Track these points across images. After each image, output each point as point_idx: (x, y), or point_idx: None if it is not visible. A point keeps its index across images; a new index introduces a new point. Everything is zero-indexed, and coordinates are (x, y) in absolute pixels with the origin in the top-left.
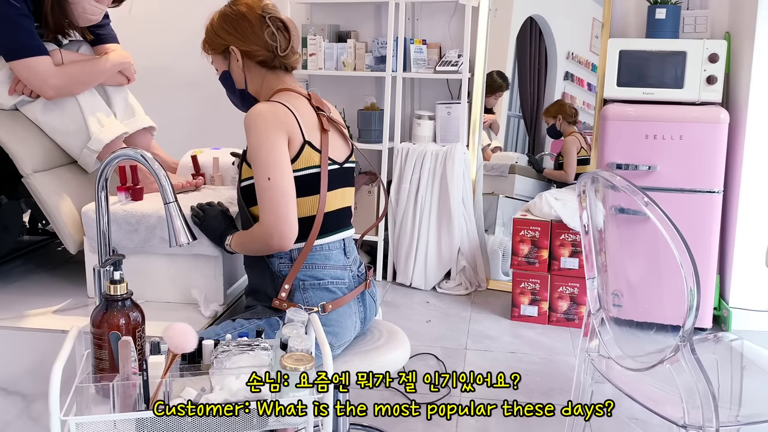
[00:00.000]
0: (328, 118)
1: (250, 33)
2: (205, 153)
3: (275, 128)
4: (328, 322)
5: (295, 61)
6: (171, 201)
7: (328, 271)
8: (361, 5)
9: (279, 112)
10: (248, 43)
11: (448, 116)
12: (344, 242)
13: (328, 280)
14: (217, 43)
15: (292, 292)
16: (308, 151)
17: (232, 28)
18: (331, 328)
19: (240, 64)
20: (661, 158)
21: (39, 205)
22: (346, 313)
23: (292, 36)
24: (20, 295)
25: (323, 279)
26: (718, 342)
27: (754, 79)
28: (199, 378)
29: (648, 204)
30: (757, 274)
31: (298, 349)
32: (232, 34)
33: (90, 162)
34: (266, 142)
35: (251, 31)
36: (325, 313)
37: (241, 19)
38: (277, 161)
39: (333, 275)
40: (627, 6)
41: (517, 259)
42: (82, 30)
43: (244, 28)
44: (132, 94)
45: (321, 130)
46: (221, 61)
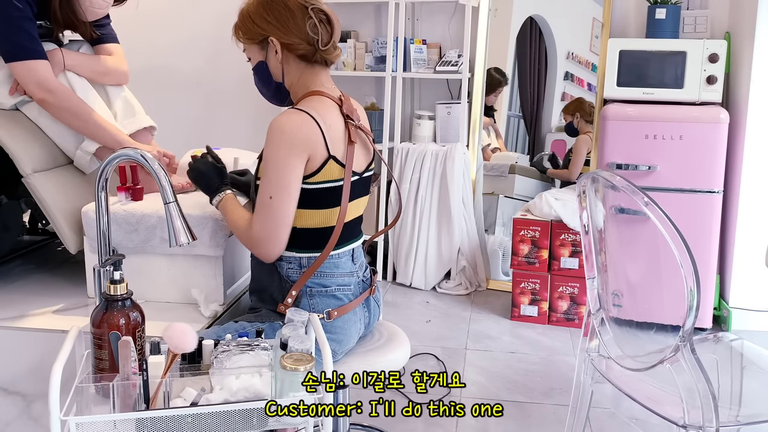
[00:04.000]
0: (356, 127)
1: (292, 24)
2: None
3: (295, 147)
4: (333, 329)
5: (336, 57)
6: (171, 201)
7: (336, 279)
8: (361, 5)
9: (305, 129)
10: (290, 35)
11: (448, 116)
12: (353, 249)
13: (335, 287)
14: (254, 32)
15: (298, 298)
16: (331, 165)
17: (273, 18)
18: (336, 336)
19: (279, 57)
20: (661, 158)
21: (39, 205)
22: (351, 320)
23: (335, 30)
24: (20, 295)
25: (330, 286)
26: (718, 342)
27: (754, 79)
28: (199, 378)
29: (648, 204)
30: (757, 274)
31: (298, 350)
32: (273, 24)
33: (85, 163)
34: (280, 161)
35: (293, 22)
36: (331, 319)
37: (282, 8)
38: (285, 184)
39: (340, 282)
40: (627, 6)
41: (517, 259)
42: (88, 27)
43: (286, 19)
44: (132, 94)
45: (348, 141)
46: (257, 51)
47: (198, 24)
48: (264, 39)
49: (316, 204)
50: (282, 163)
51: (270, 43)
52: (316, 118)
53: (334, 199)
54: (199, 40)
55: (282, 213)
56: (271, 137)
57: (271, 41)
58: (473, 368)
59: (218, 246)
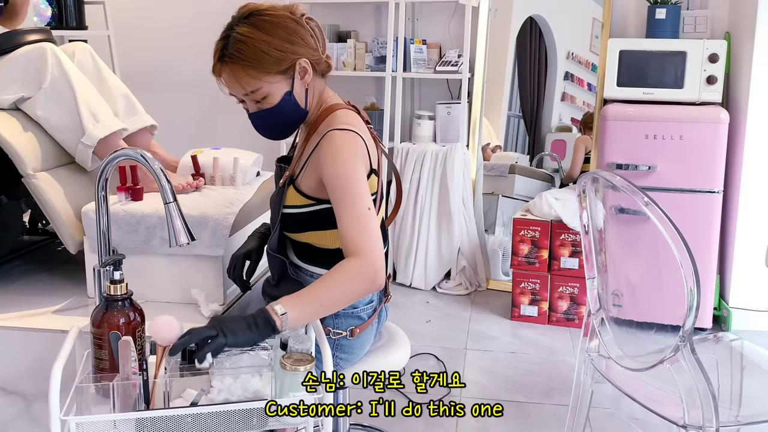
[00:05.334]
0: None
1: (308, 39)
2: (205, 153)
3: (362, 160)
4: (352, 350)
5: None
6: (171, 201)
7: (365, 298)
8: (361, 5)
9: (359, 144)
10: (314, 51)
11: (448, 116)
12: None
13: (362, 308)
14: (284, 60)
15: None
16: (373, 179)
17: (295, 37)
18: (352, 356)
19: (306, 79)
20: (661, 158)
21: (39, 205)
22: (367, 339)
23: (324, 36)
24: (20, 295)
25: (358, 306)
26: (718, 342)
27: (754, 79)
28: (199, 378)
29: (648, 204)
30: (757, 274)
31: (297, 350)
32: (297, 43)
33: (86, 158)
34: (360, 174)
35: (307, 36)
36: (353, 337)
37: (294, 24)
38: (368, 194)
39: (366, 301)
40: (627, 6)
41: (517, 259)
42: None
43: (302, 35)
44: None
45: (379, 151)
46: (280, 83)
47: (198, 24)
48: (291, 65)
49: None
50: (363, 175)
51: (298, 67)
52: (361, 135)
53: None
54: (200, 40)
55: (377, 221)
56: (342, 157)
57: (298, 64)
58: (473, 368)
59: (218, 246)
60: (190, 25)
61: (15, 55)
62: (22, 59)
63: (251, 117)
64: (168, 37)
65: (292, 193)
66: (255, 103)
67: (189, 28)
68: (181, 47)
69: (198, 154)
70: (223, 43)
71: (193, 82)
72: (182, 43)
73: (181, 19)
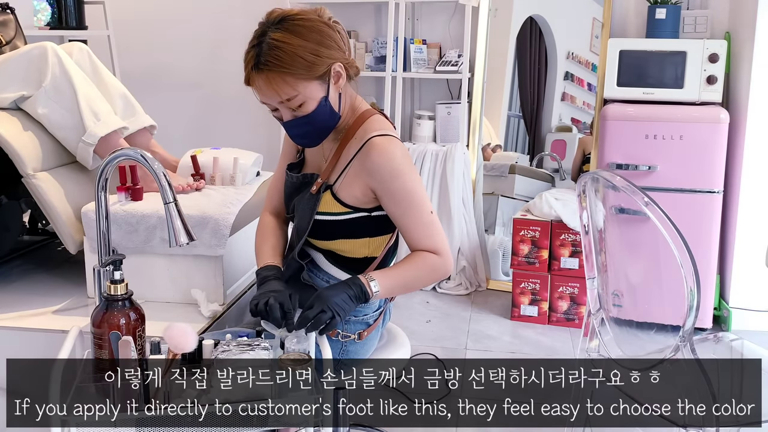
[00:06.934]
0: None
1: (340, 42)
2: (205, 153)
3: (413, 165)
4: (358, 353)
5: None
6: (171, 201)
7: (375, 304)
8: (361, 5)
9: (406, 150)
10: (348, 55)
11: (448, 116)
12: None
13: (371, 314)
14: (320, 64)
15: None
16: None
17: (329, 42)
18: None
19: (341, 83)
20: (661, 158)
21: (39, 205)
22: (373, 341)
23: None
24: (20, 295)
25: (367, 312)
26: (718, 342)
27: (754, 79)
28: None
29: (648, 204)
30: (757, 274)
31: (296, 350)
32: (332, 47)
33: (87, 156)
34: (419, 181)
35: (339, 39)
36: (361, 340)
37: (326, 28)
38: (428, 197)
39: (375, 307)
40: (627, 6)
41: (517, 259)
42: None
43: (335, 38)
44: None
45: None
46: (316, 88)
47: (199, 24)
48: (327, 70)
49: (386, 230)
50: (420, 185)
51: (332, 72)
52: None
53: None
54: (200, 40)
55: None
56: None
57: (333, 69)
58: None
59: (218, 246)
60: (190, 26)
61: (16, 53)
62: (22, 58)
63: (286, 125)
64: (168, 37)
65: (329, 200)
66: (290, 111)
67: (189, 28)
68: (181, 47)
69: (198, 154)
70: (256, 50)
71: (193, 82)
72: (182, 43)
73: (181, 19)
